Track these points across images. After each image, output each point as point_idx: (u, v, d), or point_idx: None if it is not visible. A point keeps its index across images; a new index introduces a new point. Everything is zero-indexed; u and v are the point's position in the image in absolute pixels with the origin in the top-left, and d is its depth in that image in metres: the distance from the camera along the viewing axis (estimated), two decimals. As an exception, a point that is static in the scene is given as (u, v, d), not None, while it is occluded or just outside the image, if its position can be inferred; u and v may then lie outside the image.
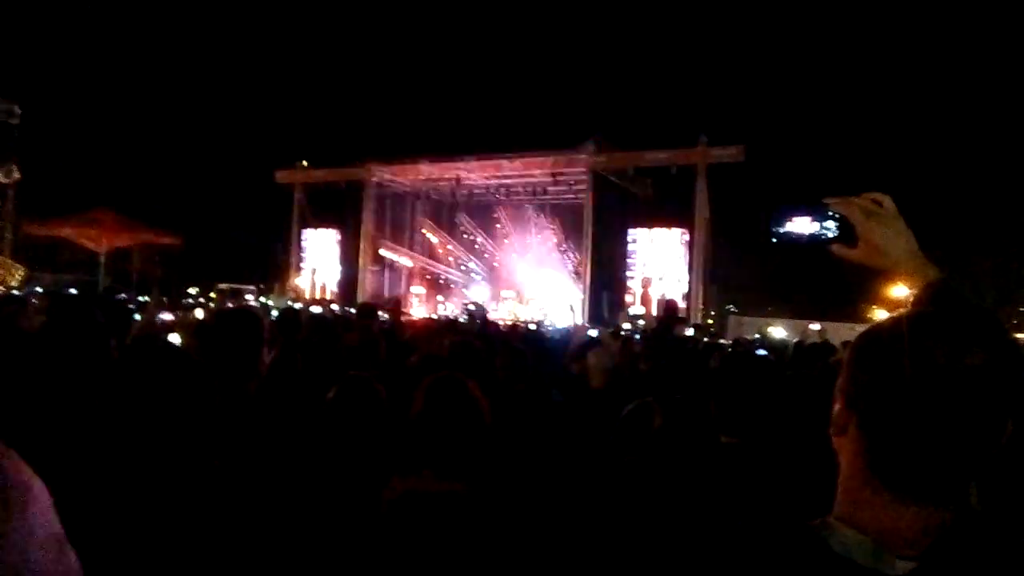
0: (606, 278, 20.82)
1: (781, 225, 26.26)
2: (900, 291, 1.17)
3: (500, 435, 1.92)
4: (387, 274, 25.39)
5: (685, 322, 6.74)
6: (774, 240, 25.96)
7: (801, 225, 25.41)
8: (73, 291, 14.54)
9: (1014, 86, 24.96)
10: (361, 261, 24.39)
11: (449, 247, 26.06)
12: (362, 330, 3.20)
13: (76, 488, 1.24)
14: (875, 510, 0.81)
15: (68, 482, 0.89)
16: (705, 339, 7.53)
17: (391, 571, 1.43)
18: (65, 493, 0.59)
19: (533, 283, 23.60)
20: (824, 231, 24.66)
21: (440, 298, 24.72)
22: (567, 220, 23.49)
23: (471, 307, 13.21)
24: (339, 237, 25.84)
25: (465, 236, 26.07)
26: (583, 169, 20.58)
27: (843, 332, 10.88)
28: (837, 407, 0.89)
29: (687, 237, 19.63)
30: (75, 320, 3.42)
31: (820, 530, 0.84)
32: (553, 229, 24.20)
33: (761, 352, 5.43)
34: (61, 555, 0.44)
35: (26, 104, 24.63)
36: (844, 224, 1.18)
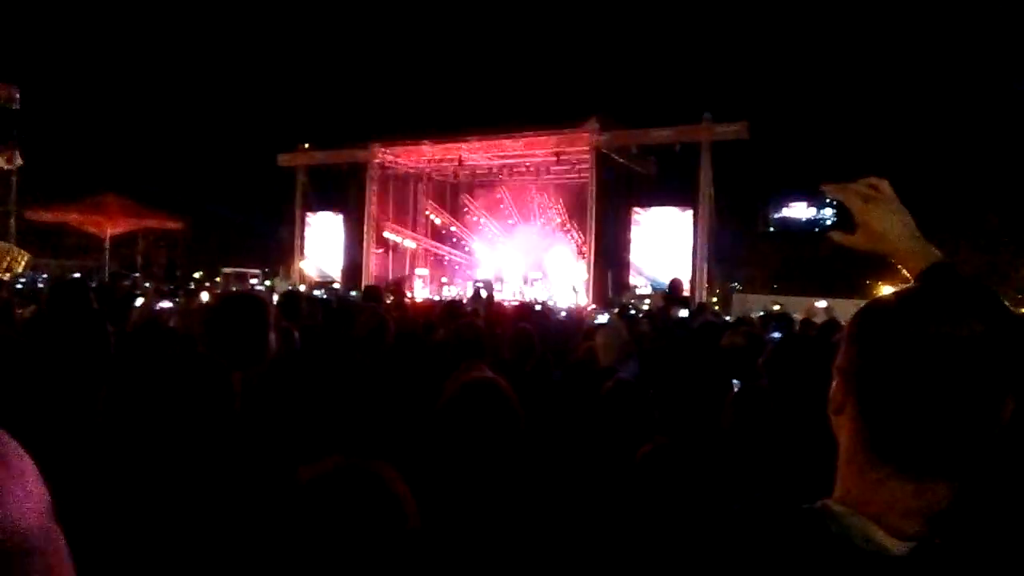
0: (610, 257, 20.72)
1: (778, 211, 26.34)
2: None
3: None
4: (391, 256, 25.35)
5: (685, 303, 6.70)
6: (771, 229, 26.05)
7: (798, 211, 25.42)
8: (77, 275, 14.54)
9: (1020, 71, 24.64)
10: (365, 243, 24.33)
11: (453, 228, 25.99)
12: (370, 313, 3.21)
13: (73, 482, 1.18)
14: (874, 489, 0.80)
15: (65, 476, 0.85)
16: (711, 318, 7.51)
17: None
18: (62, 487, 0.57)
19: (536, 263, 23.55)
20: (821, 216, 24.78)
21: (444, 279, 24.73)
22: (570, 199, 23.34)
23: (479, 284, 13.30)
24: (343, 219, 25.74)
25: (469, 217, 25.98)
26: (586, 148, 20.39)
27: (850, 309, 10.81)
28: (835, 385, 0.87)
29: (691, 215, 19.52)
30: (70, 307, 3.31)
31: (818, 512, 0.82)
32: (556, 208, 24.09)
33: (775, 335, 5.37)
34: (52, 528, 0.45)
35: (27, 88, 24.45)
36: (842, 210, 1.17)
